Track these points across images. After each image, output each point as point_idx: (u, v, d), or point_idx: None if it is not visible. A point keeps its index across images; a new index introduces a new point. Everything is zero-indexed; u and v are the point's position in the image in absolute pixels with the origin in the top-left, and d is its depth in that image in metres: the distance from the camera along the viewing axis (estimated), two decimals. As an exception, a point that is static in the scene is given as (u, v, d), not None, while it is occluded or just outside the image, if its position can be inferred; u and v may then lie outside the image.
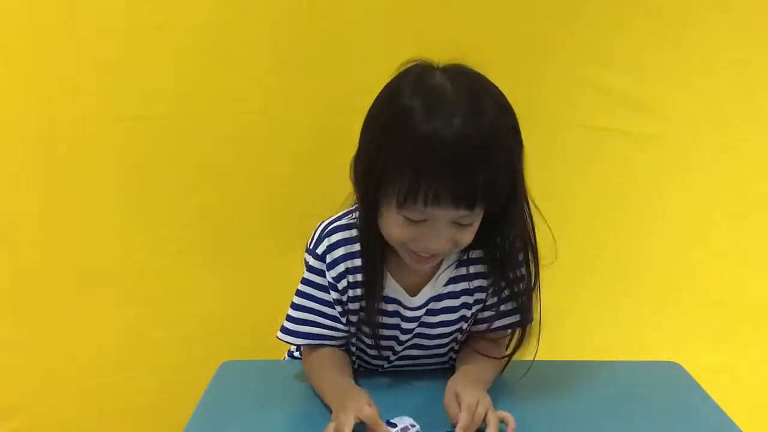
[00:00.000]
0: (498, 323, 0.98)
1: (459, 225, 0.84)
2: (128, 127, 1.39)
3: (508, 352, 0.99)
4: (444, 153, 0.79)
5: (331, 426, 0.81)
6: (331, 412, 0.87)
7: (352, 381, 0.93)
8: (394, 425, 0.82)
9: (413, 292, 0.95)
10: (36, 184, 1.39)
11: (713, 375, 1.03)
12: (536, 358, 0.97)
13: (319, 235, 0.96)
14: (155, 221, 1.46)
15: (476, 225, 0.86)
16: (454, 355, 1.05)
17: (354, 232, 0.94)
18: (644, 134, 1.42)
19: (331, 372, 0.95)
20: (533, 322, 0.97)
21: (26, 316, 1.43)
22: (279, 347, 1.35)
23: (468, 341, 1.02)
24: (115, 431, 1.55)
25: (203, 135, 1.45)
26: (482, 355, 0.97)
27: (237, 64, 1.42)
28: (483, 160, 0.80)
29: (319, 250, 0.94)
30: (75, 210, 1.42)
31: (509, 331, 0.99)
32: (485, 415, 0.83)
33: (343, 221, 0.96)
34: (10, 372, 1.43)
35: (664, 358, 1.08)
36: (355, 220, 0.94)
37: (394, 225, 0.85)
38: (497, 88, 0.87)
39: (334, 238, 0.94)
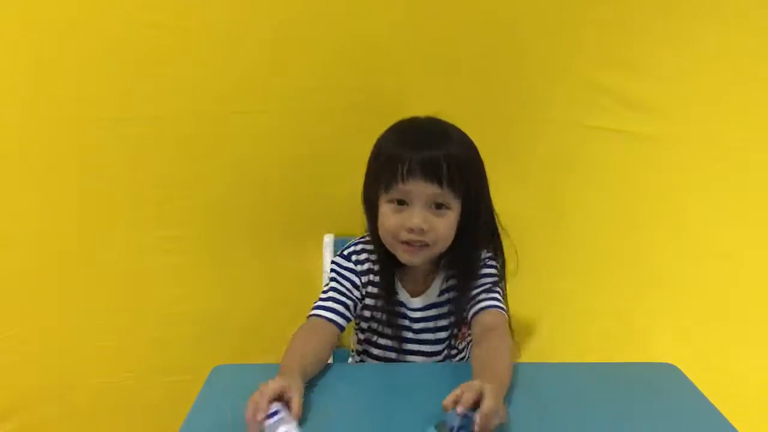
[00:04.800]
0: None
1: (434, 210, 1.05)
2: (127, 127, 1.39)
3: None
4: (414, 139, 1.06)
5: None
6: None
7: (305, 369, 0.97)
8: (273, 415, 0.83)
9: (415, 297, 1.18)
10: (35, 185, 1.39)
11: (710, 376, 1.02)
12: (532, 360, 0.97)
13: (347, 246, 1.19)
14: (154, 221, 1.47)
15: (450, 218, 1.06)
16: (450, 351, 1.20)
17: (372, 247, 1.16)
18: (644, 134, 1.42)
19: (298, 344, 1.04)
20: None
21: (25, 316, 1.44)
22: (279, 347, 1.36)
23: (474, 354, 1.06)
24: (116, 431, 1.56)
25: (202, 135, 1.45)
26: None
27: (236, 64, 1.42)
28: (444, 143, 1.05)
29: (346, 252, 1.18)
30: (74, 210, 1.42)
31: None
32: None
33: (363, 240, 1.19)
34: (10, 372, 1.44)
35: (660, 359, 1.08)
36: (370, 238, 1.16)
37: (386, 216, 1.06)
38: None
39: (359, 247, 1.18)
